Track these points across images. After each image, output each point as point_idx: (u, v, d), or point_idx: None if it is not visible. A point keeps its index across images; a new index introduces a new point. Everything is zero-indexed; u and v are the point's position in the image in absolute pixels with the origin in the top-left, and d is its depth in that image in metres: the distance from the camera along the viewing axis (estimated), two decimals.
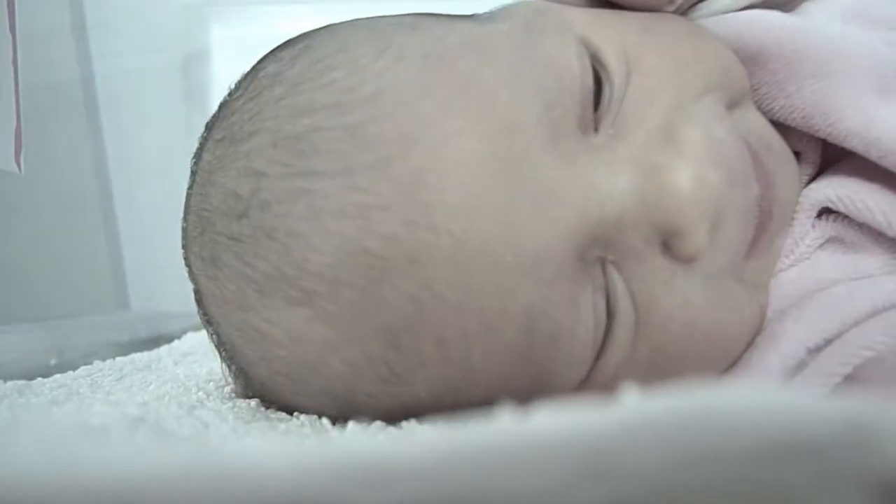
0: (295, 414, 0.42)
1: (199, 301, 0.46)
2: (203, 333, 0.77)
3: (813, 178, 0.46)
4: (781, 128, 0.45)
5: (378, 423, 0.38)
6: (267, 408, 0.44)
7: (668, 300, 0.39)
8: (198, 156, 0.45)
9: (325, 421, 0.40)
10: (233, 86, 0.46)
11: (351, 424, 0.37)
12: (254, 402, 0.44)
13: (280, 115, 0.39)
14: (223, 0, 1.20)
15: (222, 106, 0.45)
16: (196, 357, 0.66)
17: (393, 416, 0.39)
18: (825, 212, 0.44)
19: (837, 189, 0.43)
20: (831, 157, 0.46)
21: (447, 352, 0.37)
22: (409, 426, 0.38)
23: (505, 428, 0.20)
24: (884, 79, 0.44)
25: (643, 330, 0.40)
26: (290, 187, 0.38)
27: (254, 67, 0.45)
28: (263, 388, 0.44)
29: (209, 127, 0.45)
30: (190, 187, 0.45)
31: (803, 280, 0.43)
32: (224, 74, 1.24)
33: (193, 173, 0.45)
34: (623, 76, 0.40)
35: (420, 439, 0.19)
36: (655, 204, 0.38)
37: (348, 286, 0.37)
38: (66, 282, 1.05)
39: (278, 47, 0.45)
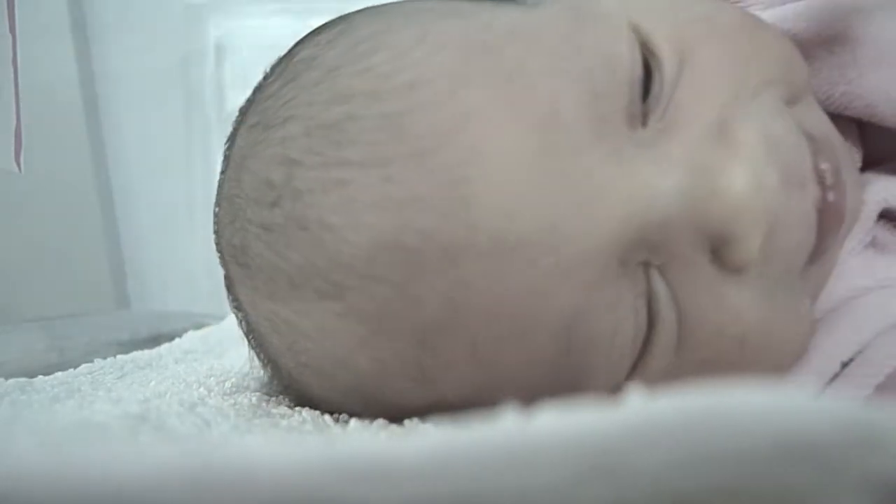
0: (297, 410, 0.42)
1: (228, 287, 0.45)
2: (204, 331, 0.78)
3: None
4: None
5: (380, 421, 0.38)
6: (278, 401, 0.44)
7: (716, 313, 0.37)
8: (231, 140, 0.44)
9: (327, 418, 0.40)
10: (268, 70, 0.44)
11: (353, 422, 0.37)
12: (255, 398, 0.44)
13: (315, 101, 0.38)
14: (223, 0, 1.20)
15: (257, 90, 0.44)
16: (197, 355, 0.66)
17: (420, 416, 0.38)
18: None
19: (893, 189, 0.42)
20: (867, 156, 0.45)
21: (479, 355, 0.36)
22: (412, 424, 0.38)
23: (509, 428, 0.20)
24: None
25: (688, 342, 0.37)
26: (323, 177, 0.37)
27: (290, 51, 0.44)
28: (291, 380, 0.43)
29: (243, 111, 0.44)
30: (223, 172, 0.44)
31: (836, 287, 0.41)
32: (224, 74, 1.24)
33: (227, 158, 0.44)
34: (675, 66, 0.38)
35: (424, 438, 0.19)
36: (705, 208, 0.35)
37: (381, 282, 0.36)
38: (66, 282, 1.05)
39: (315, 30, 0.43)
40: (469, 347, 0.36)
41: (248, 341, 0.46)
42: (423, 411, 0.38)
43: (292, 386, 0.44)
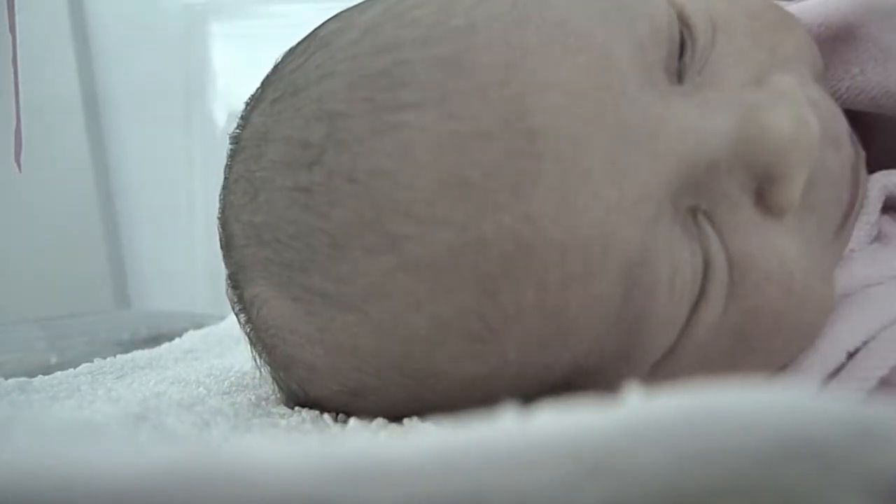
0: (297, 409, 0.42)
1: (235, 284, 0.43)
2: (204, 331, 0.78)
3: None
4: None
5: (380, 421, 0.38)
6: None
7: (763, 256, 0.37)
8: (242, 126, 0.42)
9: (326, 417, 0.40)
10: (282, 55, 0.43)
11: (352, 421, 0.37)
12: (254, 397, 0.44)
13: (358, 54, 0.37)
14: (223, 0, 1.20)
15: (273, 72, 0.42)
16: (197, 354, 0.66)
17: (470, 389, 0.36)
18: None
19: (892, 177, 0.43)
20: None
21: (546, 300, 0.35)
22: (412, 423, 0.38)
23: (508, 427, 0.20)
24: None
25: (738, 289, 0.37)
26: (373, 124, 0.35)
27: (310, 34, 0.42)
28: (312, 374, 0.40)
29: (256, 98, 0.42)
30: (231, 157, 0.42)
31: (842, 278, 0.41)
32: (224, 75, 1.24)
33: (237, 141, 0.42)
34: (709, 35, 0.39)
35: (423, 438, 0.19)
36: (754, 144, 0.36)
37: (443, 225, 0.34)
38: (66, 282, 1.05)
39: (334, 14, 0.42)
40: (536, 291, 0.34)
41: (254, 344, 0.43)
42: (477, 381, 0.36)
43: (308, 384, 0.41)
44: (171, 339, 0.77)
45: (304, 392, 0.42)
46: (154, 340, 0.77)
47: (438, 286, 0.35)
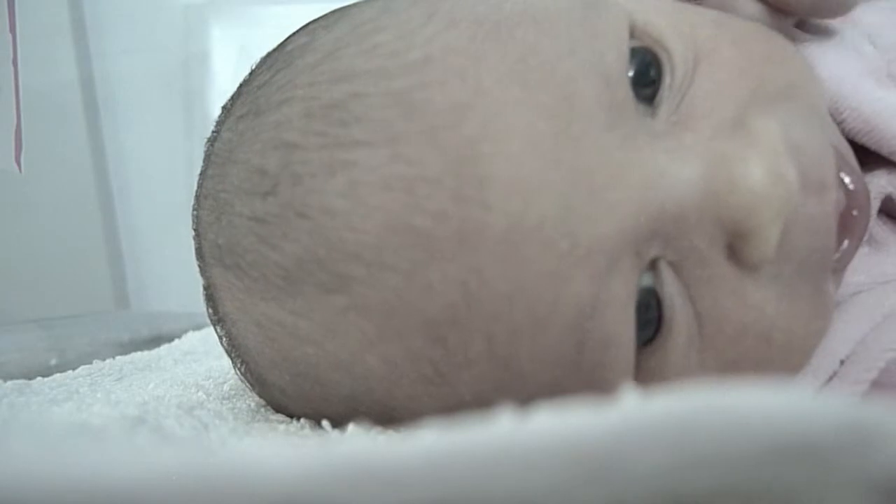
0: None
1: (209, 298, 0.42)
2: (204, 332, 0.78)
3: None
4: None
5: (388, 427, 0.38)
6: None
7: (738, 311, 0.35)
8: (213, 140, 0.42)
9: (325, 423, 0.39)
10: (254, 65, 0.42)
11: (351, 426, 0.37)
12: (254, 403, 0.44)
13: (315, 81, 0.36)
14: (223, 0, 1.20)
15: (243, 84, 0.41)
16: (196, 356, 0.66)
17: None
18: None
19: (890, 177, 0.41)
20: None
21: (495, 349, 0.34)
22: (409, 428, 0.38)
23: (505, 430, 0.20)
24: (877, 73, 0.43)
25: (712, 342, 0.36)
26: (326, 159, 0.34)
27: (280, 44, 0.41)
28: (284, 396, 0.40)
29: (227, 108, 0.42)
30: (203, 172, 0.42)
31: None
32: (224, 75, 1.24)
33: (207, 156, 0.41)
34: (689, 63, 0.37)
35: (420, 441, 0.19)
36: (723, 199, 0.34)
37: (391, 270, 0.33)
38: (66, 282, 1.05)
39: (307, 23, 0.41)
40: (485, 341, 0.34)
41: (233, 361, 0.43)
42: (438, 416, 0.35)
43: (283, 404, 0.41)
44: (170, 339, 0.77)
45: (284, 409, 0.42)
46: (154, 341, 0.77)
47: (388, 329, 0.34)
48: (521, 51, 0.34)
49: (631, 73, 0.36)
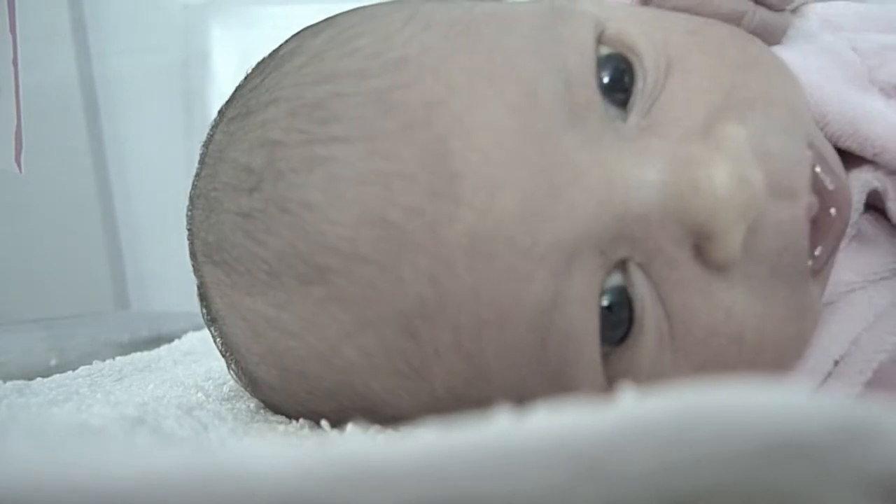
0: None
1: (202, 296, 0.43)
2: (203, 332, 0.77)
3: None
4: None
5: (377, 426, 0.38)
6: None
7: (707, 312, 0.36)
8: (208, 141, 0.43)
9: (324, 423, 0.40)
10: (249, 70, 0.44)
11: (350, 426, 0.37)
12: (253, 404, 0.44)
13: (301, 82, 0.37)
14: (223, 0, 1.20)
15: (237, 89, 0.43)
16: (196, 356, 0.66)
17: (413, 420, 0.36)
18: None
19: (875, 173, 0.41)
20: None
21: (462, 343, 0.35)
22: (408, 427, 0.38)
23: (502, 429, 0.20)
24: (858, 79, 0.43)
25: (683, 343, 0.36)
26: (306, 155, 0.36)
27: (273, 51, 0.43)
28: (273, 393, 0.41)
29: (222, 112, 0.43)
30: (197, 174, 0.43)
31: None
32: (224, 75, 1.24)
33: (202, 158, 0.43)
34: (661, 69, 0.37)
35: (418, 441, 0.19)
36: (685, 202, 0.34)
37: (365, 261, 0.34)
38: (66, 282, 1.05)
39: (300, 30, 0.43)
40: (453, 335, 0.35)
41: (226, 360, 0.44)
42: (415, 414, 0.36)
43: (275, 401, 0.42)
44: (170, 340, 0.77)
45: (275, 407, 0.43)
46: (153, 341, 0.77)
47: (363, 320, 0.35)
48: (489, 47, 0.35)
49: (606, 80, 0.37)
